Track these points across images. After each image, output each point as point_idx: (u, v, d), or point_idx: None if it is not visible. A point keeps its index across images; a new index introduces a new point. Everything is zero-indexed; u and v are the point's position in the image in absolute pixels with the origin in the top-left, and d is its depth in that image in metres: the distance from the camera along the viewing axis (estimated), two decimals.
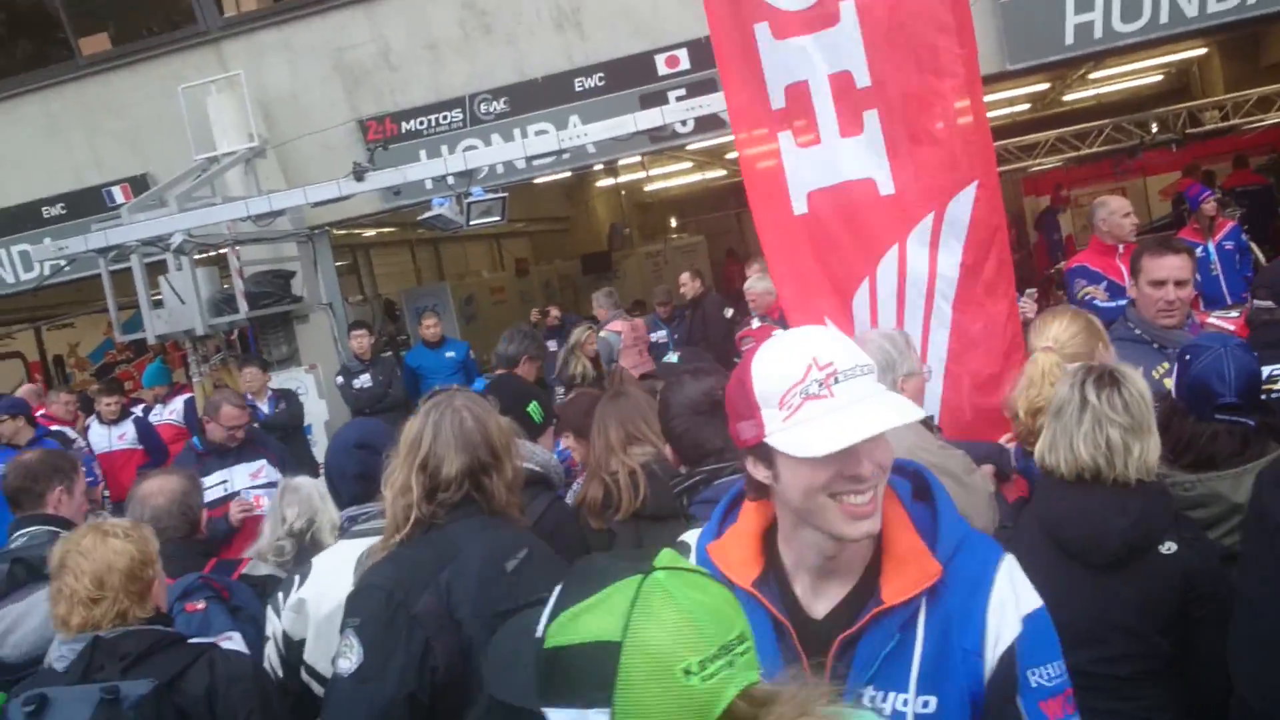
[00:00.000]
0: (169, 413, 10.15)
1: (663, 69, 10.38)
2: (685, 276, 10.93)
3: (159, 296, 9.88)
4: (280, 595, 3.05)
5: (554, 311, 11.75)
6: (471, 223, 8.62)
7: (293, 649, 2.98)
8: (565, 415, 3.98)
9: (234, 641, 3.03)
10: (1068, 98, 17.46)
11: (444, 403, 2.71)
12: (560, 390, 9.24)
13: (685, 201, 24.41)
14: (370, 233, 14.21)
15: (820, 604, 1.72)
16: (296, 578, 3.06)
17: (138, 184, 11.50)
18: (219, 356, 10.88)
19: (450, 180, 7.34)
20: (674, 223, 24.91)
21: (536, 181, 12.09)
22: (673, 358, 7.02)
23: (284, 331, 11.19)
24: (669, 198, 24.05)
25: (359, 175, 7.54)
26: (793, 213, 4.27)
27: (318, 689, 2.96)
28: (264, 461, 6.70)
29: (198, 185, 10.08)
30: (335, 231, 11.92)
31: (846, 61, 4.09)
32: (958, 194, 4.06)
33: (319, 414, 10.87)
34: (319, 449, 10.69)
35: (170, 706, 2.55)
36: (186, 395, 10.48)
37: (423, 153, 10.61)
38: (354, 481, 3.14)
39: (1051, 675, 1.63)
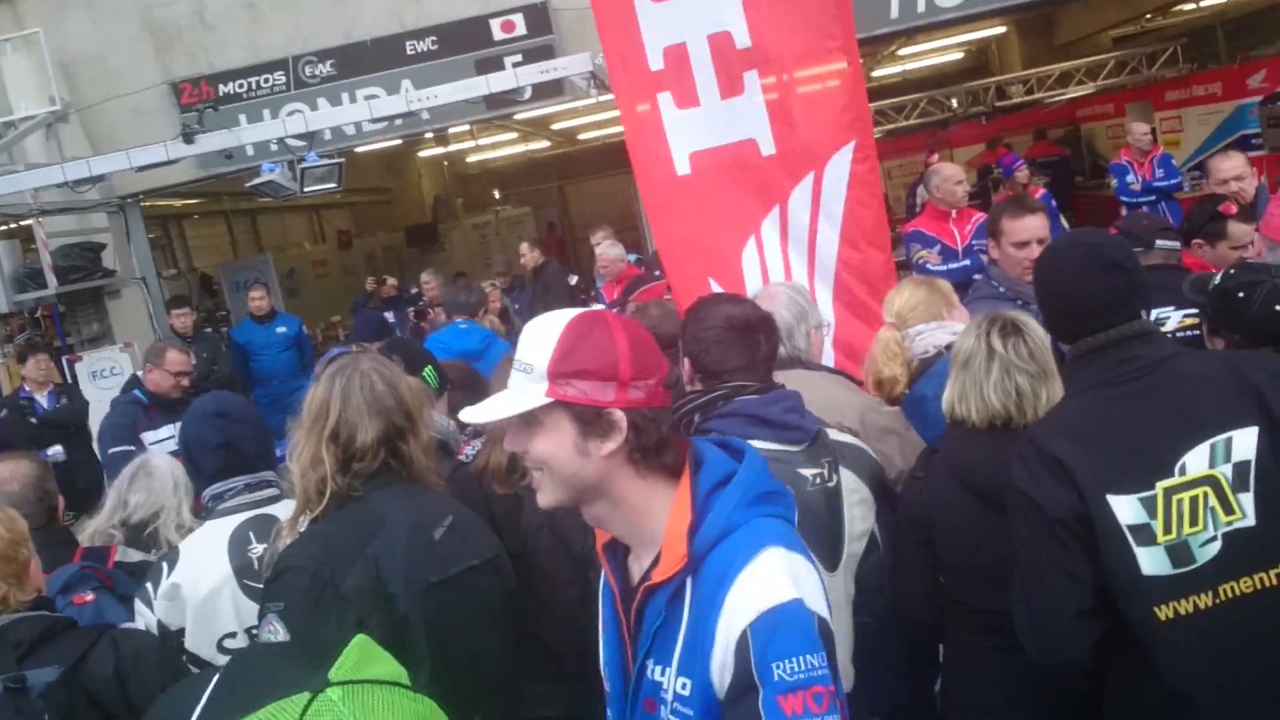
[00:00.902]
0: None
1: (498, 34, 10.19)
2: (525, 247, 10.91)
3: None
4: (149, 586, 2.82)
5: (390, 281, 11.45)
6: (306, 189, 8.28)
7: (169, 639, 2.76)
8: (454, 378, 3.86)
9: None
10: (877, 73, 18.15)
11: (349, 366, 2.56)
12: None
13: (508, 173, 24.16)
14: (181, 203, 13.44)
15: (635, 572, 1.85)
16: (164, 564, 2.84)
17: None
18: (23, 336, 10.12)
19: (290, 144, 6.98)
20: (497, 195, 24.62)
21: (358, 150, 11.70)
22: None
23: (94, 308, 10.47)
24: (492, 170, 23.76)
25: (189, 138, 7.09)
26: (675, 174, 4.27)
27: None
28: None
29: None
30: (145, 203, 11.21)
31: (726, 22, 4.10)
32: (836, 153, 4.14)
33: None
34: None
35: (79, 691, 2.35)
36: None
37: (242, 117, 10.07)
38: (217, 453, 2.91)
39: (795, 669, 1.58)
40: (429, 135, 13.18)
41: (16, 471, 2.97)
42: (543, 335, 1.75)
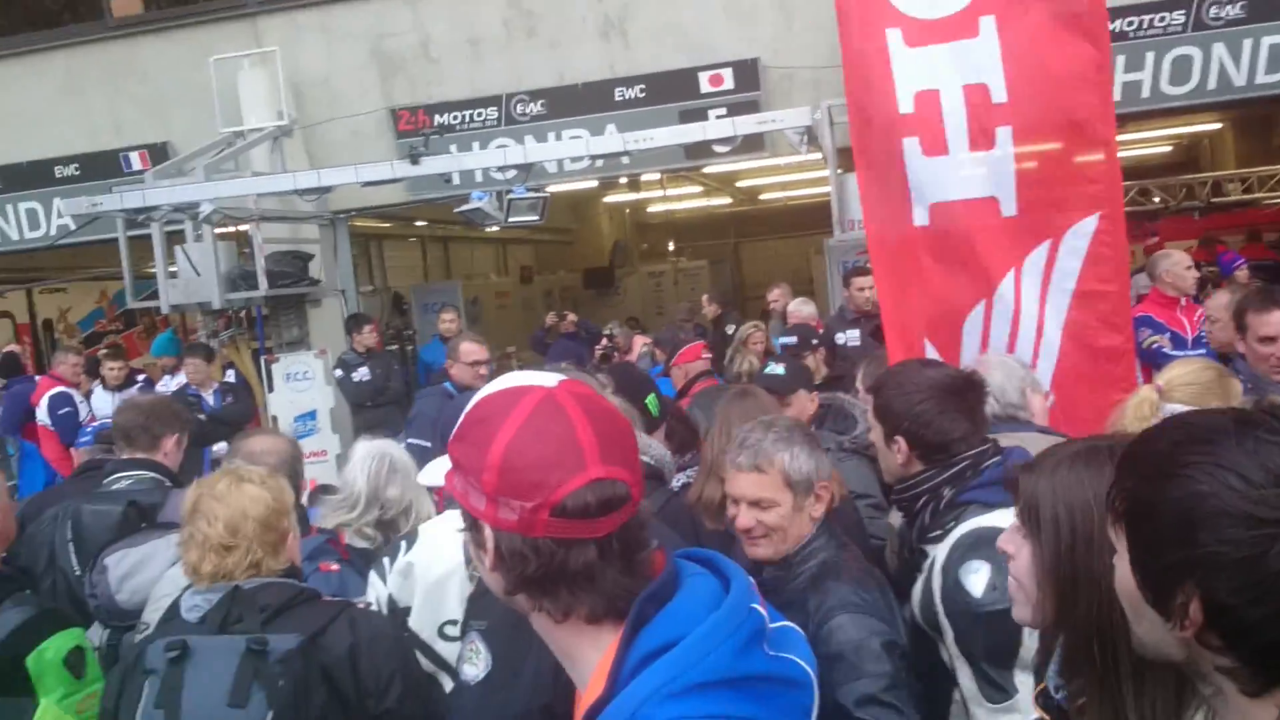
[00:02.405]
0: (175, 384, 9.90)
1: (706, 87, 10.32)
2: (705, 298, 11.05)
3: (174, 269, 9.67)
4: (385, 560, 2.91)
5: (570, 317, 11.64)
6: (510, 220, 8.52)
7: (397, 615, 2.85)
8: None
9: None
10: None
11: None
12: None
13: (685, 226, 24.40)
14: (385, 224, 14.04)
15: None
16: (403, 543, 2.93)
17: (156, 152, 11.26)
18: (228, 333, 10.66)
19: (494, 175, 7.21)
20: (672, 246, 24.89)
21: (551, 189, 12.02)
22: None
23: (296, 314, 10.97)
24: (671, 221, 24.04)
25: (415, 159, 7.39)
26: (913, 222, 4.19)
27: (421, 660, 2.83)
28: None
29: (223, 159, 9.90)
30: (354, 220, 11.74)
31: (983, 74, 4.03)
32: (1078, 223, 4.00)
33: (325, 401, 10.64)
34: (323, 436, 10.50)
35: (315, 663, 2.40)
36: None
37: (453, 147, 10.47)
38: None
39: None
40: (623, 180, 13.41)
41: (275, 446, 3.07)
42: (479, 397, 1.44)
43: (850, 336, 8.10)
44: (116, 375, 9.37)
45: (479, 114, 10.76)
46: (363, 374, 10.27)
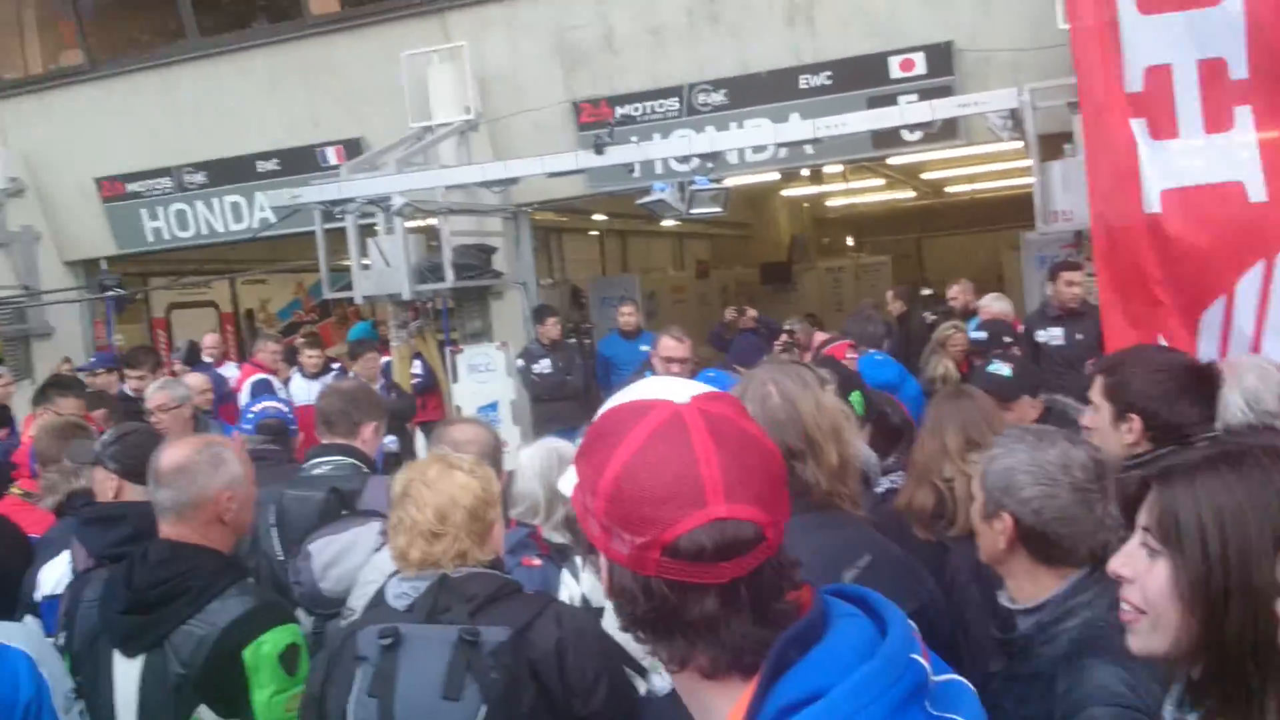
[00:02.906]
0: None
1: (895, 72, 9.93)
2: (890, 295, 10.65)
3: (366, 262, 9.94)
4: (578, 558, 2.80)
5: (750, 312, 11.43)
6: (692, 211, 8.39)
7: (591, 615, 2.74)
8: None
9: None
10: None
11: (748, 378, 2.37)
12: None
13: (864, 220, 23.85)
14: (565, 217, 14.16)
15: None
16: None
17: (351, 147, 11.62)
18: (417, 324, 10.90)
19: (675, 167, 7.07)
20: (851, 241, 24.36)
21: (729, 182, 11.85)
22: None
23: (479, 306, 11.16)
24: (849, 215, 23.52)
25: (599, 149, 7.34)
26: (1142, 210, 3.83)
27: None
28: None
29: (412, 153, 10.12)
30: (535, 213, 11.85)
31: (1221, 48, 3.63)
32: None
33: (505, 393, 10.77)
34: (504, 427, 10.60)
35: (523, 657, 2.32)
36: (385, 359, 10.51)
37: (634, 138, 10.41)
38: None
39: None
40: (805, 173, 13.12)
41: (478, 435, 3.00)
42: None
43: (1052, 335, 7.62)
44: (314, 363, 9.70)
45: (660, 105, 10.67)
46: (544, 366, 10.33)
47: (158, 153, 12.51)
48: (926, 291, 12.90)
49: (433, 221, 10.16)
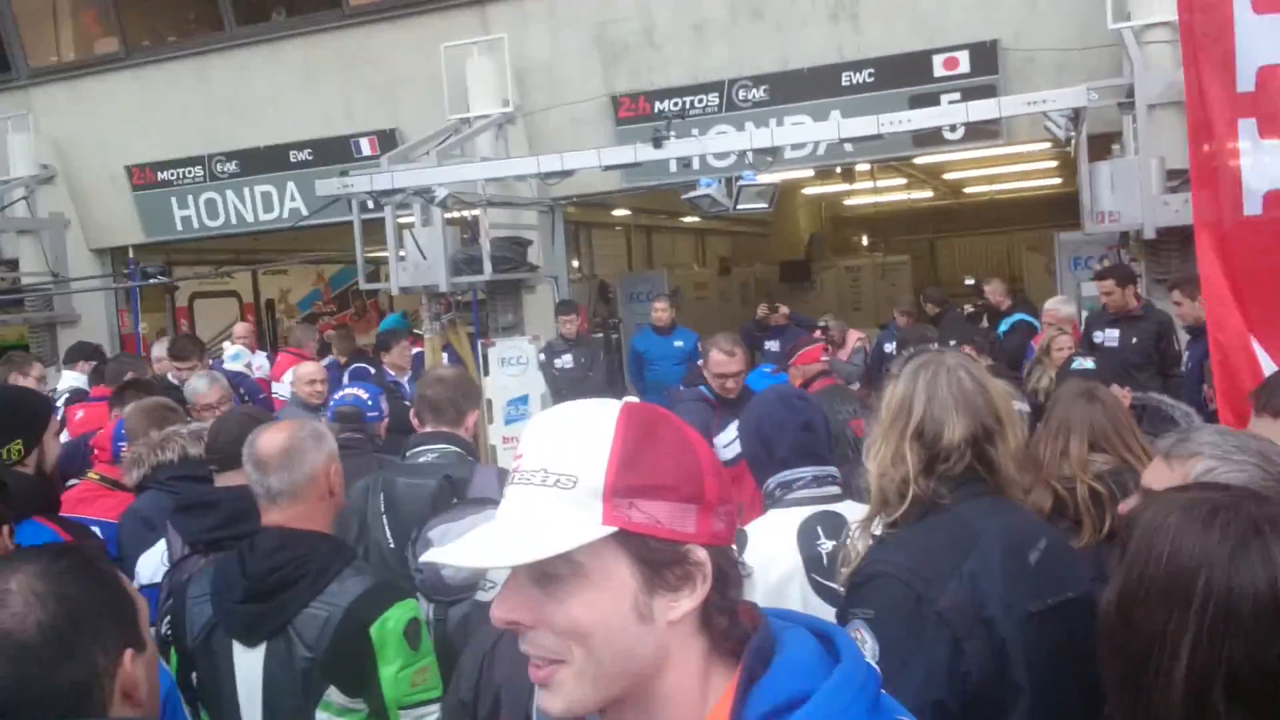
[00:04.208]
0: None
1: (939, 70, 9.92)
2: (921, 297, 10.74)
3: (402, 254, 9.92)
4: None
5: (783, 309, 11.40)
6: (739, 207, 8.38)
7: None
8: None
9: None
10: None
11: (933, 362, 2.36)
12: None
13: (879, 220, 23.82)
14: (616, 211, 14.15)
15: None
16: (733, 545, 2.77)
17: (385, 138, 11.62)
18: (448, 316, 10.87)
19: (732, 159, 7.06)
20: (865, 240, 24.35)
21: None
22: None
23: (512, 299, 11.13)
24: (864, 214, 23.52)
25: (657, 143, 7.33)
26: (1241, 214, 3.81)
27: None
28: None
29: (451, 145, 10.10)
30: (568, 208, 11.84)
31: None
32: None
33: (537, 386, 10.74)
34: None
35: None
36: (417, 350, 10.49)
37: (672, 134, 10.39)
38: (796, 433, 2.82)
39: None
40: (838, 170, 13.09)
41: None
42: (582, 432, 1.18)
43: (1108, 336, 7.61)
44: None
45: (700, 100, 10.65)
46: (565, 361, 10.29)
47: (190, 141, 12.50)
48: (969, 282, 12.91)
49: (467, 214, 10.14)
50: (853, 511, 2.73)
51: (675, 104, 10.72)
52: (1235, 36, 3.75)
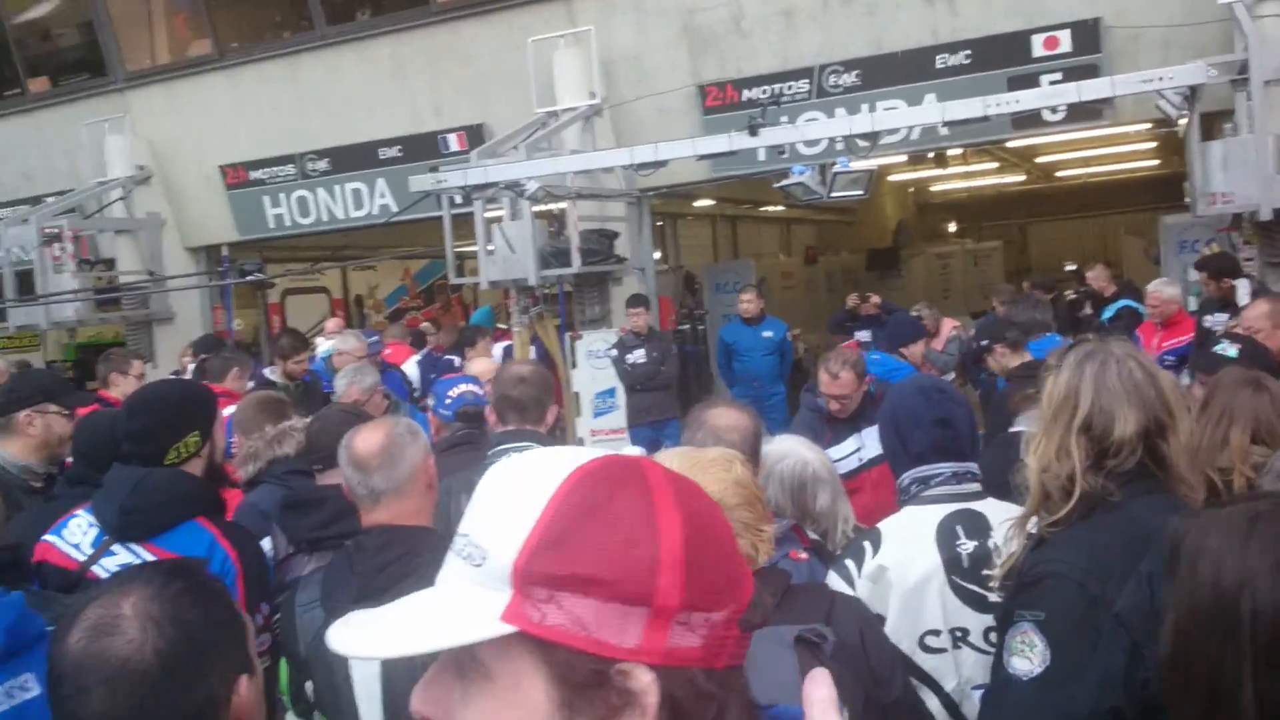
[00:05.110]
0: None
1: (1039, 50, 9.61)
2: (1026, 285, 10.42)
3: (491, 248, 9.92)
4: (849, 563, 2.65)
5: (874, 298, 11.17)
6: (833, 194, 8.20)
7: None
8: None
9: None
10: None
11: (1099, 352, 2.23)
12: None
13: (967, 205, 23.33)
14: (697, 202, 14.04)
15: None
16: (867, 544, 2.67)
17: (473, 133, 11.64)
18: (536, 309, 10.87)
19: (856, 144, 6.89)
20: (953, 227, 23.87)
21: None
22: None
23: (599, 291, 11.08)
24: (952, 200, 23.05)
25: (754, 130, 7.20)
26: None
27: None
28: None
29: (539, 138, 10.08)
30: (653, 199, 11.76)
31: None
32: None
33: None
34: (620, 414, 10.51)
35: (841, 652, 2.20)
36: (506, 343, 10.52)
37: (766, 121, 10.22)
38: (931, 429, 2.70)
39: None
40: (930, 155, 12.83)
41: (738, 421, 2.87)
42: (513, 492, 0.95)
43: (1216, 320, 7.31)
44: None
45: (789, 87, 10.47)
46: (637, 356, 10.17)
47: (282, 140, 12.68)
48: (1070, 267, 12.57)
49: (554, 207, 10.12)
50: (994, 510, 2.61)
51: (764, 91, 10.54)
52: None
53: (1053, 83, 9.18)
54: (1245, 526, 1.32)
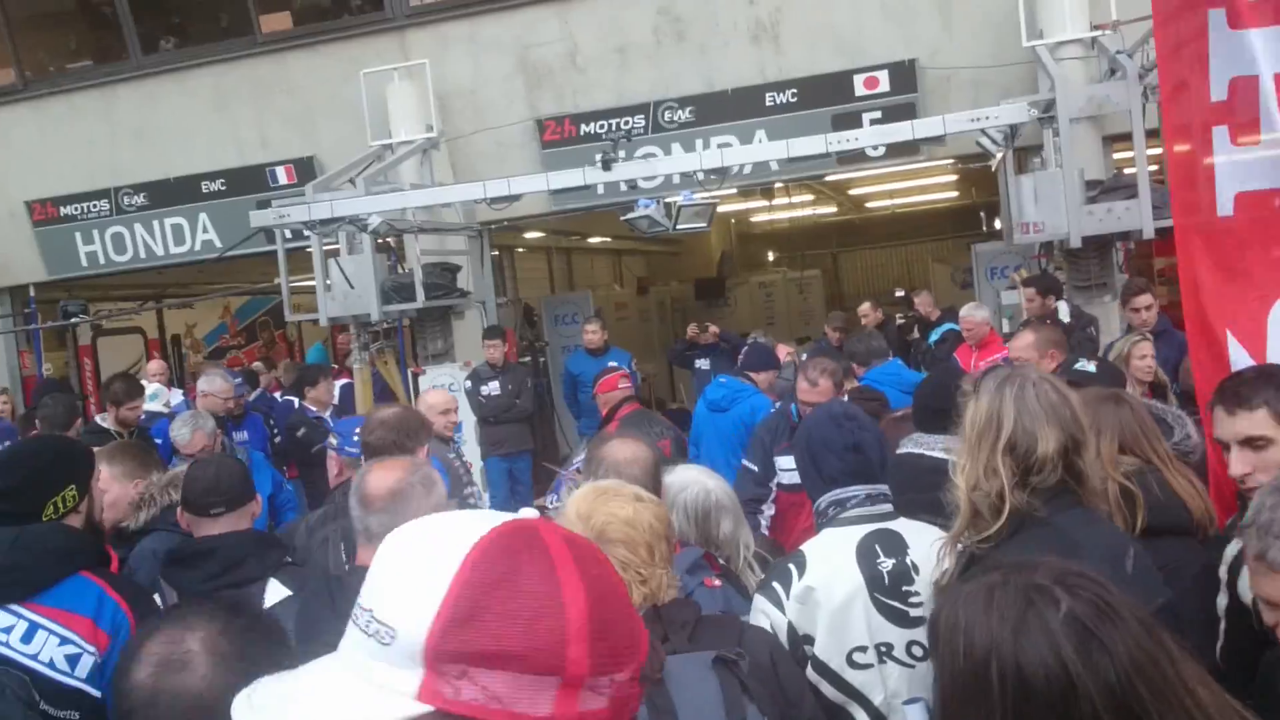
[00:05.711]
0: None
1: (860, 89, 10.14)
2: (866, 307, 10.97)
3: (329, 283, 9.68)
4: (776, 585, 2.74)
5: (712, 328, 11.45)
6: (678, 227, 8.41)
7: (798, 645, 2.68)
8: None
9: None
10: None
11: (1016, 376, 2.42)
12: None
13: (783, 236, 24.20)
14: (529, 234, 14.05)
15: None
16: (792, 567, 2.76)
17: (302, 166, 11.38)
18: (376, 345, 10.67)
19: (699, 177, 7.09)
20: (771, 256, 24.70)
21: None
22: None
23: (441, 326, 10.96)
24: (770, 231, 23.86)
25: (607, 165, 7.31)
26: (1215, 214, 3.98)
27: (827, 690, 2.66)
28: None
29: (374, 172, 9.93)
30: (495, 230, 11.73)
31: None
32: None
33: (470, 413, 10.61)
34: (469, 448, 10.42)
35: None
36: (344, 381, 10.27)
37: (596, 157, 10.36)
38: (843, 455, 2.82)
39: None
40: (778, 185, 13.25)
41: (639, 455, 2.91)
42: (418, 567, 0.96)
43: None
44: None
45: (625, 122, 10.68)
46: (491, 388, 10.19)
47: (95, 174, 12.05)
48: (900, 293, 13.17)
49: (392, 241, 9.95)
50: (909, 529, 2.76)
51: (602, 126, 10.73)
52: (1210, 50, 3.92)
53: (873, 121, 9.72)
54: (985, 596, 1.41)
